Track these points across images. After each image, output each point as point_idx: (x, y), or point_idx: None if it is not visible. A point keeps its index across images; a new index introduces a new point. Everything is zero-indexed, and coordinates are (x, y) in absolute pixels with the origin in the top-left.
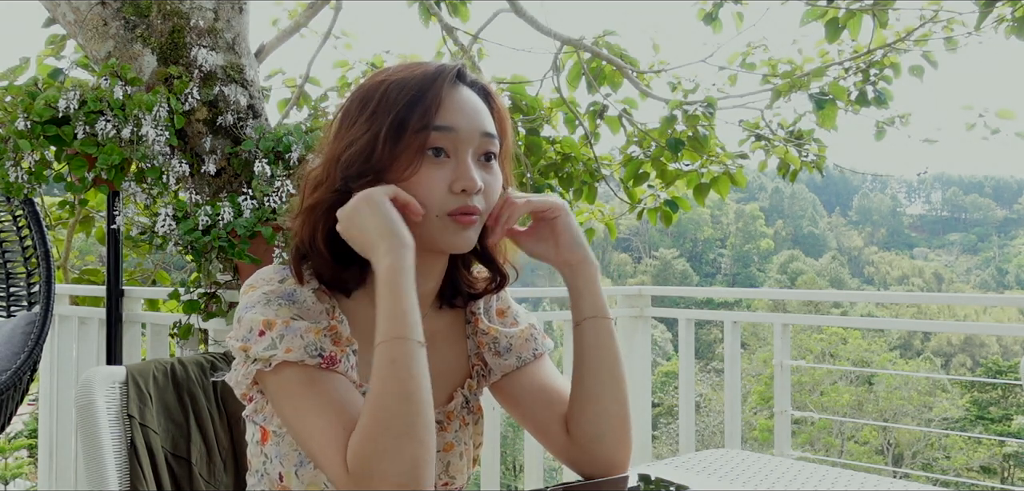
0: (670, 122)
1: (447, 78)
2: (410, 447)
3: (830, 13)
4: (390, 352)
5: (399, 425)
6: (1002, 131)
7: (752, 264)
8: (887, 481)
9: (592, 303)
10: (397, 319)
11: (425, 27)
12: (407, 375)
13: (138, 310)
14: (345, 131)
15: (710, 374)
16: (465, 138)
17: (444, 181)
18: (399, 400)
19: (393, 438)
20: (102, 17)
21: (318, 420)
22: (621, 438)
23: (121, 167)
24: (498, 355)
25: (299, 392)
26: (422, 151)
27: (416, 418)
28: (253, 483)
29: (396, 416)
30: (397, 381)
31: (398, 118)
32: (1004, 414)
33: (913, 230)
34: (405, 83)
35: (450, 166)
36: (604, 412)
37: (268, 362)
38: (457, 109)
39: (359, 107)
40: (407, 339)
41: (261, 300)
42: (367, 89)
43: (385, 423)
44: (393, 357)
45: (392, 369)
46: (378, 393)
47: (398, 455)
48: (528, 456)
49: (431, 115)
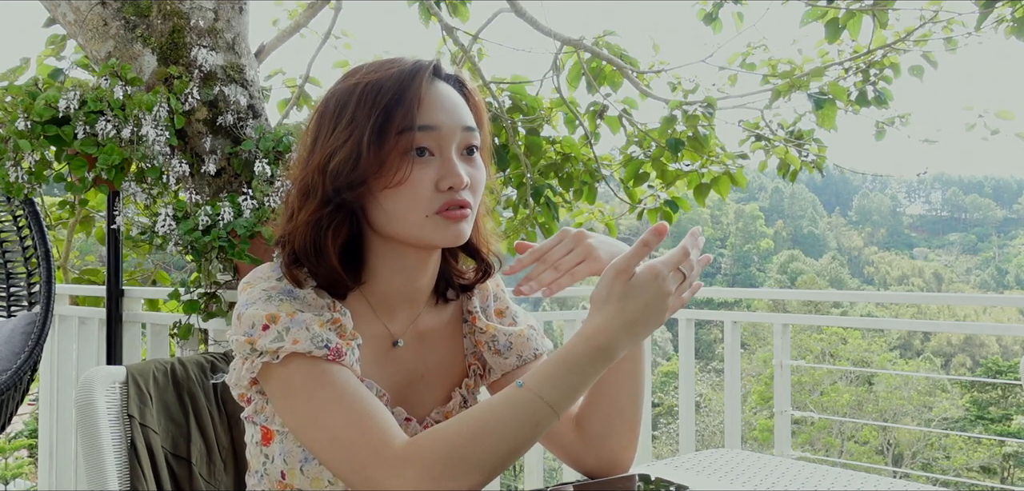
0: (670, 122)
1: (425, 75)
2: (478, 478)
3: (830, 13)
4: (538, 413)
5: (492, 462)
6: (1002, 131)
7: (752, 264)
8: (887, 481)
9: None
10: (567, 394)
11: (425, 27)
12: (529, 440)
13: (138, 310)
14: (325, 137)
15: (710, 374)
16: (447, 135)
17: (431, 180)
18: (511, 448)
19: (477, 464)
20: (102, 17)
21: (335, 411)
22: (630, 437)
23: (121, 167)
24: (498, 354)
25: (309, 385)
26: (408, 153)
27: (501, 466)
28: (253, 484)
29: (497, 454)
30: (524, 440)
31: (379, 122)
32: (1004, 414)
33: (913, 230)
34: (381, 84)
35: (435, 164)
36: (618, 410)
37: (276, 354)
38: (438, 106)
39: (336, 112)
40: (557, 416)
41: (261, 296)
42: (341, 92)
43: (488, 448)
44: (538, 423)
45: (532, 428)
46: (505, 429)
47: (466, 476)
48: (528, 456)
49: (413, 115)
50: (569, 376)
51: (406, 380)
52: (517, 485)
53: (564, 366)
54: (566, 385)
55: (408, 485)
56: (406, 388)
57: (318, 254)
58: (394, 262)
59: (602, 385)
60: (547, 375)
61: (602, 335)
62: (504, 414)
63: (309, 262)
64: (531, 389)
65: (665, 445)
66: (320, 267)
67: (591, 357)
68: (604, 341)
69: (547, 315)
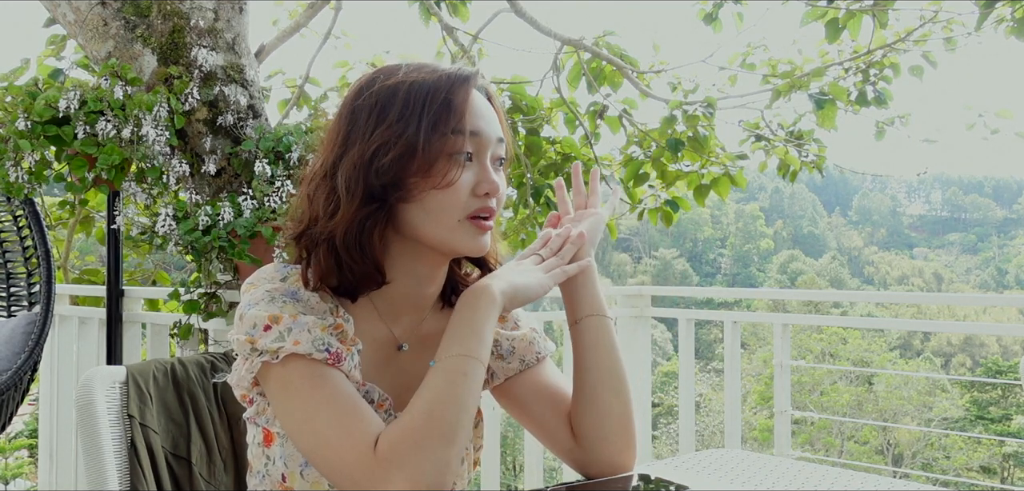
0: (670, 122)
1: (473, 81)
2: (448, 450)
3: (830, 13)
4: (464, 366)
5: (448, 429)
6: (1002, 131)
7: (752, 264)
8: (887, 481)
9: (590, 302)
10: (471, 338)
11: (425, 27)
12: (469, 391)
13: (138, 310)
14: (365, 134)
15: (710, 374)
16: (486, 142)
17: (469, 185)
18: (457, 409)
19: (438, 438)
20: (102, 17)
21: (329, 413)
22: (625, 438)
23: (121, 167)
24: (500, 358)
25: (307, 386)
26: (454, 155)
27: (461, 429)
28: (254, 485)
29: (448, 421)
30: (464, 392)
31: (432, 122)
32: (1004, 414)
33: (913, 230)
34: (431, 85)
35: (474, 170)
36: (606, 412)
37: (276, 354)
38: (479, 113)
39: (378, 109)
40: (479, 360)
41: (264, 297)
42: (383, 90)
43: (437, 421)
44: (466, 371)
45: (464, 381)
46: (441, 397)
47: (435, 454)
48: (528, 456)
49: (464, 119)
50: (463, 325)
51: (409, 384)
52: (517, 485)
53: (457, 318)
54: (467, 331)
55: (396, 485)
56: (409, 392)
57: (362, 251)
58: (409, 266)
59: (584, 388)
60: (449, 336)
61: (482, 283)
62: (441, 389)
63: (349, 258)
64: (445, 356)
65: (665, 445)
66: (361, 264)
67: (475, 301)
68: (484, 285)
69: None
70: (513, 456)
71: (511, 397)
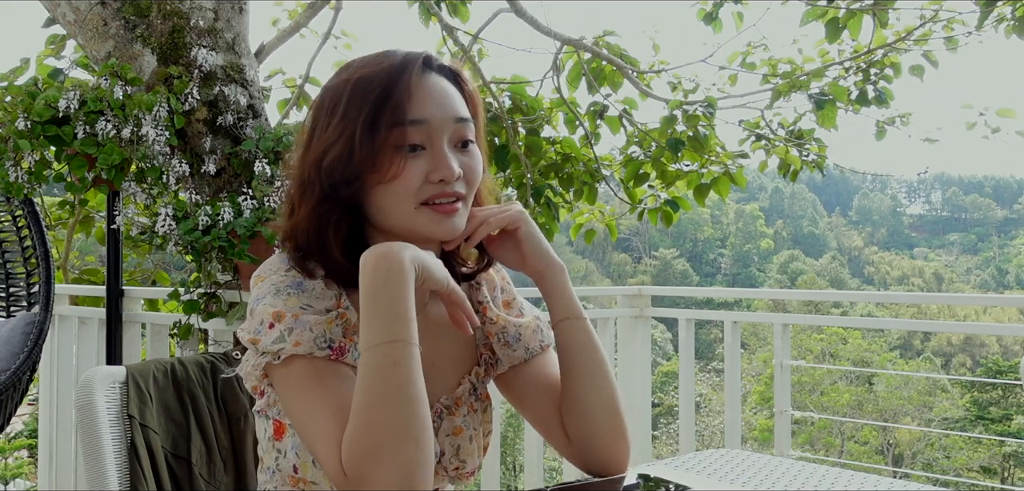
0: (670, 122)
1: (414, 69)
2: (405, 448)
3: (830, 13)
4: (392, 355)
5: (399, 428)
6: (1002, 130)
7: (752, 264)
8: (887, 481)
9: (564, 306)
10: (384, 317)
11: (425, 27)
12: (408, 379)
13: (138, 310)
14: (320, 133)
15: (710, 374)
16: (438, 127)
17: (421, 173)
18: (398, 403)
19: (390, 439)
20: (102, 17)
21: (320, 416)
22: (614, 437)
23: (121, 167)
24: (507, 346)
25: (305, 386)
26: (400, 148)
27: (414, 421)
28: (265, 480)
29: (394, 419)
30: (402, 382)
31: (370, 118)
32: (1004, 414)
33: (913, 230)
34: (371, 79)
35: (426, 157)
36: (592, 413)
37: (277, 355)
38: (428, 99)
39: (330, 108)
40: (407, 342)
41: (271, 290)
42: (334, 88)
43: (383, 425)
44: (396, 360)
45: (396, 371)
46: (377, 396)
47: (393, 457)
48: (528, 456)
49: (404, 110)
50: (378, 307)
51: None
52: (517, 485)
53: (368, 300)
54: (384, 313)
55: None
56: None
57: (322, 249)
58: None
59: (569, 391)
60: (366, 323)
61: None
62: (374, 388)
63: (314, 256)
64: (367, 348)
65: (665, 445)
66: (324, 261)
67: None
68: (390, 254)
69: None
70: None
71: (512, 387)
